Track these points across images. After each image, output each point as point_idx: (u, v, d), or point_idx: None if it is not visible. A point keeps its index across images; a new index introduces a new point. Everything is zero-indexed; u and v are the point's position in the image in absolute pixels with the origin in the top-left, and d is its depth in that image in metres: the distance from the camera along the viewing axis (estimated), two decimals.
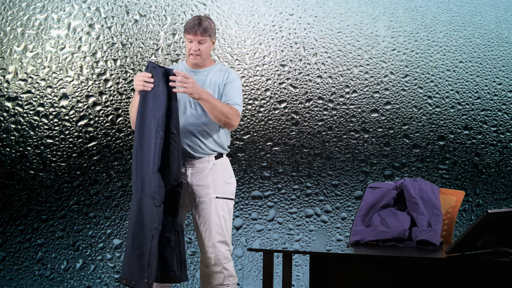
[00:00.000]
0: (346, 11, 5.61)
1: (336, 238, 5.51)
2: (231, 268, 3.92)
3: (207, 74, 3.94)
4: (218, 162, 3.94)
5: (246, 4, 5.46)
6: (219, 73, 3.95)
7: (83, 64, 5.23)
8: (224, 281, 3.89)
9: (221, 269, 3.88)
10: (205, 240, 3.89)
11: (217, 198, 3.90)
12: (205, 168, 3.91)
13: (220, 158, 3.96)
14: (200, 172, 3.91)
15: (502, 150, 5.80)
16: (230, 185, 3.97)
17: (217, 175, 3.93)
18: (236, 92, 3.93)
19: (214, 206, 3.89)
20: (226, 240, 3.91)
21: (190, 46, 3.89)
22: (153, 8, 5.33)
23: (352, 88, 5.59)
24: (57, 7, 5.21)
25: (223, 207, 3.92)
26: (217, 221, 3.89)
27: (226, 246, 3.91)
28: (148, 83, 3.73)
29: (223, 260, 3.89)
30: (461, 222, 5.72)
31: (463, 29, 5.77)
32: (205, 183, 3.90)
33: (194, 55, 3.89)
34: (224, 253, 3.89)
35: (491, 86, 5.79)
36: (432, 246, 3.61)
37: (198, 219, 3.91)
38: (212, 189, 3.91)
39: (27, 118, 5.16)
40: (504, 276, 3.30)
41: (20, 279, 5.16)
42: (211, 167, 3.92)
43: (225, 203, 3.93)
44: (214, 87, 3.92)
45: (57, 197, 5.20)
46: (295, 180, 5.50)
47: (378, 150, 5.61)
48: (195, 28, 3.85)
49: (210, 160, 3.92)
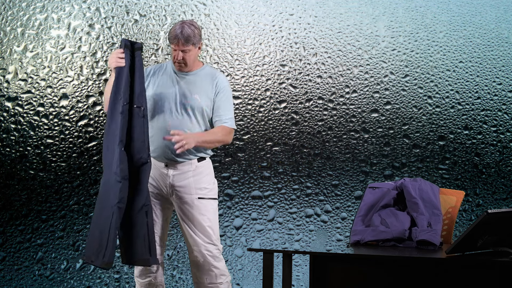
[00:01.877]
0: (346, 11, 5.61)
1: (336, 238, 5.51)
2: (222, 266, 3.92)
3: (194, 78, 3.93)
4: (200, 164, 3.94)
5: (246, 4, 5.46)
6: (207, 79, 3.94)
7: (83, 64, 5.23)
8: (217, 279, 3.89)
9: (211, 267, 3.88)
10: (191, 241, 3.90)
11: (199, 199, 3.90)
12: (187, 170, 3.91)
13: (202, 161, 3.96)
14: (182, 174, 3.91)
15: (502, 150, 5.80)
16: (212, 186, 3.97)
17: (199, 177, 3.92)
18: (227, 105, 3.93)
19: (197, 207, 3.89)
20: (212, 240, 3.90)
21: (174, 54, 3.86)
22: (153, 8, 5.33)
23: (352, 88, 5.59)
24: (57, 7, 5.21)
25: (206, 207, 3.92)
26: (201, 222, 3.89)
27: (213, 246, 3.90)
28: (121, 58, 3.73)
29: (212, 259, 3.88)
30: (461, 222, 5.72)
31: (463, 29, 5.77)
32: (187, 184, 3.90)
33: (178, 65, 3.89)
34: (212, 252, 3.89)
35: (491, 86, 5.79)
36: (432, 246, 3.61)
37: (183, 221, 3.91)
38: (194, 190, 3.90)
39: (27, 118, 5.16)
40: (504, 276, 3.30)
41: (20, 279, 5.16)
42: (193, 169, 3.91)
43: (209, 203, 3.93)
44: (205, 95, 3.90)
45: (57, 197, 5.20)
46: (295, 180, 5.51)
47: (378, 150, 5.61)
48: (177, 38, 3.81)
49: (193, 163, 3.92)
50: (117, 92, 3.72)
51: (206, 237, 3.89)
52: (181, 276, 5.32)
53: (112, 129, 3.67)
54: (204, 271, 3.89)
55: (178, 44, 3.82)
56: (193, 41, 3.83)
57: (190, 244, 3.91)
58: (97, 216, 3.63)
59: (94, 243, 3.60)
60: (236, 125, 5.41)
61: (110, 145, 3.67)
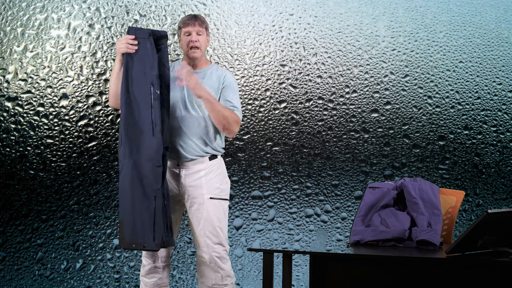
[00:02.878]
0: (346, 11, 5.61)
1: (336, 238, 5.51)
2: (228, 268, 3.91)
3: (203, 76, 3.93)
4: (211, 163, 3.92)
5: (246, 4, 5.46)
6: (215, 76, 3.94)
7: (83, 64, 5.23)
8: (222, 281, 3.89)
9: (217, 269, 3.87)
10: (200, 241, 3.89)
11: (211, 199, 3.89)
12: (199, 169, 3.90)
13: (214, 159, 3.95)
14: (194, 173, 3.90)
15: (502, 150, 5.80)
16: (224, 186, 3.96)
17: (211, 176, 3.91)
18: (235, 95, 3.93)
19: (208, 207, 3.88)
20: (221, 241, 3.90)
21: (189, 39, 3.88)
22: (153, 8, 5.33)
23: (352, 88, 5.59)
24: (57, 7, 5.21)
25: (217, 207, 3.91)
26: (211, 222, 3.88)
27: (221, 247, 3.90)
28: (132, 45, 3.73)
29: (219, 260, 3.88)
30: (461, 222, 5.72)
31: (463, 29, 5.77)
32: (199, 184, 3.89)
33: (194, 48, 3.89)
34: (219, 254, 3.88)
35: (491, 86, 5.79)
36: (432, 246, 3.61)
37: (193, 220, 3.90)
38: (206, 190, 3.89)
39: (27, 118, 5.16)
40: (504, 276, 3.30)
41: (20, 279, 5.16)
42: (205, 168, 3.91)
43: (220, 204, 3.92)
44: (213, 91, 3.90)
45: (57, 197, 5.20)
46: (295, 180, 5.51)
47: (378, 150, 5.61)
48: (193, 19, 3.88)
49: (204, 161, 3.91)
50: (129, 77, 3.71)
51: (215, 237, 3.88)
52: (181, 276, 5.32)
53: (142, 116, 3.67)
54: (211, 272, 3.88)
55: (195, 25, 3.87)
56: (206, 25, 3.92)
57: (198, 244, 3.90)
58: (134, 202, 3.65)
59: (140, 228, 3.62)
60: None
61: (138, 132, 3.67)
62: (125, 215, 3.66)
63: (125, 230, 3.66)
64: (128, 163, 3.68)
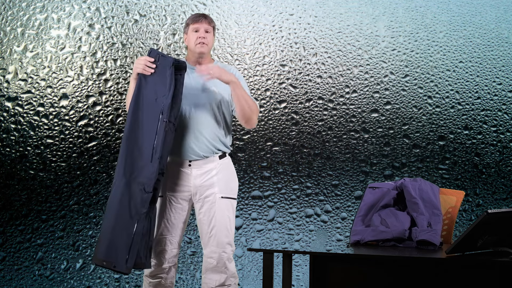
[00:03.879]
0: (346, 11, 5.61)
1: (336, 238, 5.51)
2: (233, 268, 3.91)
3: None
4: (222, 162, 3.94)
5: (246, 4, 5.46)
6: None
7: (83, 64, 5.23)
8: (226, 281, 3.88)
9: (224, 269, 3.87)
10: (210, 240, 3.88)
11: (222, 198, 3.90)
12: (210, 168, 3.91)
13: (223, 157, 3.96)
14: (205, 172, 3.91)
15: (502, 150, 5.80)
16: (234, 184, 3.98)
17: (222, 175, 3.92)
18: (246, 88, 3.97)
19: (219, 206, 3.89)
20: (230, 241, 3.90)
21: (197, 35, 3.90)
22: (153, 8, 5.33)
23: (352, 88, 5.59)
24: (57, 7, 5.21)
25: (227, 207, 3.91)
26: (222, 222, 3.88)
27: (230, 247, 3.90)
28: (149, 68, 3.75)
29: (226, 260, 3.88)
30: (461, 222, 5.71)
31: (463, 29, 5.77)
32: (210, 183, 3.90)
33: (201, 44, 3.90)
34: (227, 253, 3.88)
35: (491, 86, 5.79)
36: (432, 246, 3.61)
37: (204, 219, 3.89)
38: (218, 189, 3.90)
39: (27, 118, 5.16)
40: (504, 276, 3.30)
41: (20, 279, 5.16)
42: (216, 167, 3.92)
43: (230, 203, 3.93)
44: (221, 84, 3.91)
45: (57, 197, 5.20)
46: (295, 180, 5.50)
47: (378, 150, 5.61)
48: (201, 17, 3.91)
49: (215, 160, 3.92)
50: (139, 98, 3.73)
51: (225, 237, 3.88)
52: (181, 276, 5.32)
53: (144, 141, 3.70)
54: (217, 271, 3.88)
55: (203, 22, 3.89)
56: (214, 25, 3.96)
57: (208, 243, 3.89)
58: (117, 221, 3.65)
59: (115, 248, 3.62)
60: (236, 125, 5.41)
61: (136, 156, 3.69)
62: (105, 233, 3.67)
63: (100, 247, 3.66)
64: (120, 183, 3.69)
